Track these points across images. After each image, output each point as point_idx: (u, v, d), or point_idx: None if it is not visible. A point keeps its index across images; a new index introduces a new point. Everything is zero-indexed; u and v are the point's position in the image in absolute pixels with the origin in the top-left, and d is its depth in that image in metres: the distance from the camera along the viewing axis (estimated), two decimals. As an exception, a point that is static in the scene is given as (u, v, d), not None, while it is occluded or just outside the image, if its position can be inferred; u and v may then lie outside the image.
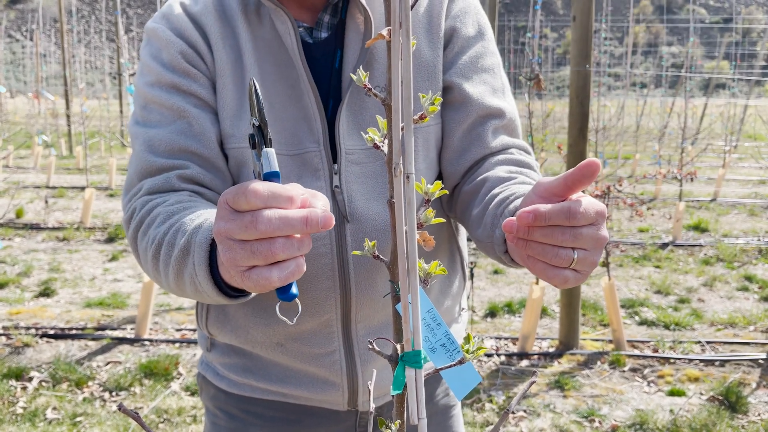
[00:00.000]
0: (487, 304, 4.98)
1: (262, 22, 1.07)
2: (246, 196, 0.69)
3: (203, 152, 1.03)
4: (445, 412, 1.26)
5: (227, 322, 1.12)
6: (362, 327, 1.09)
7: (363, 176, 1.06)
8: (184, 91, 1.05)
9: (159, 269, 0.93)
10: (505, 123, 1.12)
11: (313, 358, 1.10)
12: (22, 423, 3.21)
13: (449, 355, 0.59)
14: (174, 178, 1.00)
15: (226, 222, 0.71)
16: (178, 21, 1.08)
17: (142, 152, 1.03)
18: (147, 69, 1.08)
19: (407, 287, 0.52)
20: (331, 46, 1.08)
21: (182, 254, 0.88)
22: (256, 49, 1.06)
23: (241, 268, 0.72)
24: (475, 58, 1.12)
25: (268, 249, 0.69)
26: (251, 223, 0.69)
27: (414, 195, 0.51)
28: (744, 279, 5.73)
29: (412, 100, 0.49)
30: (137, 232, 0.98)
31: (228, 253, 0.72)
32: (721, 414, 3.32)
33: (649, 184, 10.19)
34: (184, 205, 0.95)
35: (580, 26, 3.89)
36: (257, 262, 0.70)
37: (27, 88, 25.63)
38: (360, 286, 1.06)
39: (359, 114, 1.06)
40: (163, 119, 1.04)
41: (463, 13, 1.13)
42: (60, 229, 7.14)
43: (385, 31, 0.51)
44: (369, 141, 0.60)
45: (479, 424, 3.24)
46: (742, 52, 18.50)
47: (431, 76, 1.09)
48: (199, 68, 1.06)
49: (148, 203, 0.99)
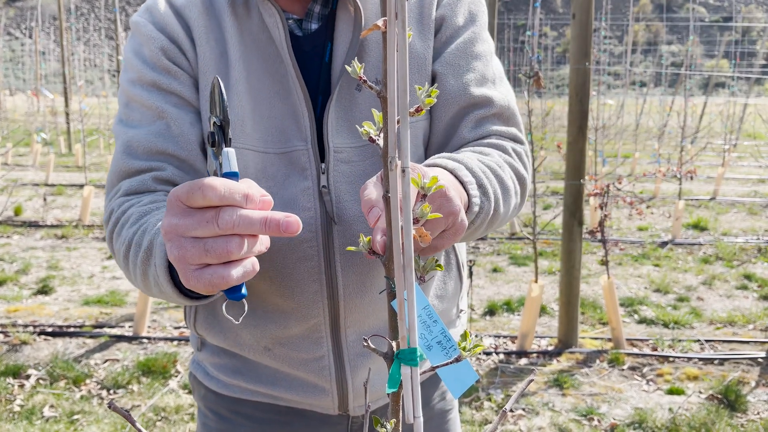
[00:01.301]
0: (486, 302, 4.97)
1: (250, 14, 1.04)
2: (202, 192, 0.67)
3: (180, 154, 1.01)
4: (442, 416, 1.24)
5: (216, 324, 1.10)
6: (352, 332, 1.06)
7: (352, 176, 1.02)
8: (164, 90, 1.03)
9: (129, 269, 0.92)
10: (495, 112, 1.07)
11: (302, 363, 1.07)
12: (20, 421, 3.20)
13: (446, 352, 0.58)
14: (150, 180, 0.99)
15: (180, 218, 0.69)
16: (161, 15, 1.05)
17: (121, 154, 1.02)
18: (129, 65, 1.07)
19: (403, 283, 0.51)
20: (321, 38, 1.05)
21: (146, 255, 0.87)
22: (243, 43, 1.03)
23: (192, 267, 0.70)
24: (463, 45, 1.08)
25: (223, 247, 0.68)
26: (212, 218, 0.67)
27: (410, 189, 0.50)
28: (743, 277, 5.73)
29: (408, 92, 0.48)
30: (113, 233, 0.98)
31: (178, 251, 0.70)
32: (720, 413, 3.31)
33: (649, 183, 10.19)
34: (158, 205, 0.94)
35: (579, 24, 3.88)
36: (210, 260, 0.69)
37: (26, 86, 25.62)
38: (348, 290, 1.03)
39: (349, 110, 1.03)
40: (144, 119, 1.03)
41: (455, 1, 1.09)
42: (58, 226, 7.13)
43: (381, 22, 0.50)
44: (364, 134, 0.59)
45: (478, 422, 3.23)
46: (741, 51, 18.50)
47: (421, 67, 1.06)
48: (181, 65, 1.04)
49: (124, 204, 0.98)
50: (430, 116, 1.08)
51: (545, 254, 6.31)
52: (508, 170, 1.01)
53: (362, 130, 0.59)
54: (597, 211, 5.40)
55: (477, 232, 0.95)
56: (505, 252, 6.47)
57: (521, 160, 1.07)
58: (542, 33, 17.58)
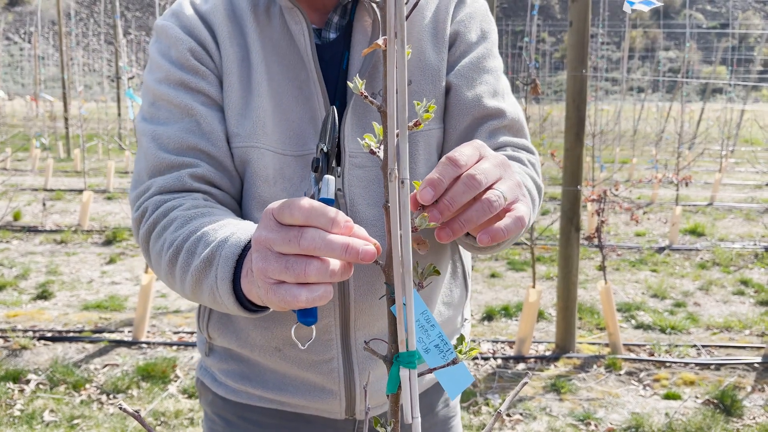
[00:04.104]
0: (484, 307, 4.99)
1: (272, 22, 1.08)
2: (290, 210, 0.70)
3: (212, 151, 1.03)
4: (445, 423, 1.26)
5: (229, 324, 1.11)
6: (361, 335, 1.08)
7: (366, 180, 1.05)
8: (193, 89, 1.05)
9: (175, 274, 0.93)
10: (507, 123, 1.11)
11: (311, 365, 1.09)
12: (20, 425, 3.21)
13: (443, 355, 0.60)
14: (186, 177, 1.01)
15: (269, 232, 0.72)
16: (188, 19, 1.09)
17: (152, 149, 1.03)
18: (156, 66, 1.09)
19: (402, 290, 0.54)
20: (339, 47, 1.08)
21: (204, 265, 0.88)
22: (263, 48, 1.07)
23: (270, 281, 0.73)
24: (476, 59, 1.12)
25: (302, 268, 0.70)
26: (295, 237, 0.70)
27: (408, 200, 0.52)
28: (740, 283, 5.75)
29: (407, 107, 0.51)
30: (150, 234, 0.98)
31: (262, 263, 0.73)
32: (716, 417, 3.33)
33: (646, 189, 10.22)
34: (202, 211, 0.96)
35: (576, 32, 3.91)
36: (287, 278, 0.71)
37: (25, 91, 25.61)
38: (359, 291, 1.05)
39: (364, 117, 1.06)
40: (172, 116, 1.05)
41: (468, 18, 1.13)
42: (58, 231, 7.14)
43: (381, 40, 0.53)
44: (365, 147, 0.62)
45: (476, 427, 3.25)
46: (738, 57, 18.58)
47: (435, 79, 1.09)
48: (207, 66, 1.07)
49: (163, 205, 0.99)
50: (443, 125, 1.12)
51: (543, 260, 6.34)
52: (530, 182, 1.04)
53: (363, 143, 0.62)
54: (594, 216, 5.43)
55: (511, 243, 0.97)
56: (503, 257, 6.49)
57: (536, 170, 1.10)
58: (540, 39, 17.64)
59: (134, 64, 15.27)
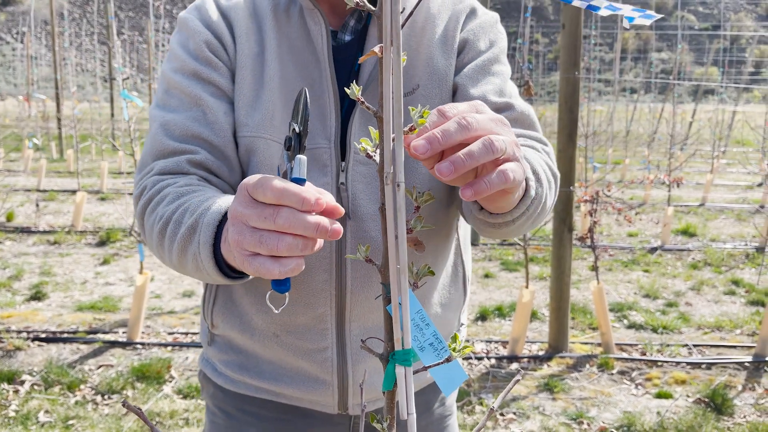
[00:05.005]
0: (478, 307, 5.02)
1: (291, 21, 1.13)
2: (263, 189, 0.75)
3: (214, 140, 1.08)
4: (441, 422, 1.29)
5: (234, 308, 1.16)
6: (356, 326, 1.11)
7: (369, 176, 1.09)
8: (204, 80, 1.11)
9: (164, 245, 0.99)
10: (516, 116, 1.13)
11: (306, 354, 1.12)
12: (15, 426, 3.21)
13: (437, 353, 0.62)
14: (184, 162, 1.06)
15: (245, 207, 0.77)
16: (208, 13, 1.15)
17: (159, 134, 1.09)
18: (174, 56, 1.15)
19: (398, 289, 0.55)
20: (353, 49, 1.13)
21: (189, 232, 0.94)
22: (279, 46, 1.11)
23: (245, 253, 0.78)
24: (483, 63, 1.15)
25: (275, 243, 0.75)
26: (270, 215, 0.75)
27: (404, 203, 0.54)
28: (731, 283, 5.80)
29: (402, 112, 0.53)
30: (146, 209, 1.04)
31: (237, 236, 0.77)
32: (707, 416, 3.37)
33: (639, 189, 10.28)
34: (193, 188, 1.01)
35: (569, 34, 3.94)
36: (261, 251, 0.76)
37: (17, 91, 25.49)
38: (356, 282, 1.09)
39: (371, 117, 1.09)
40: (181, 105, 1.10)
41: (478, 28, 1.17)
42: (51, 232, 7.12)
43: (377, 48, 0.54)
44: (362, 151, 0.64)
45: (469, 426, 3.27)
46: (730, 59, 18.67)
47: (442, 83, 1.13)
48: (221, 58, 1.12)
49: (159, 183, 1.04)
50: None
51: (536, 260, 6.37)
52: (545, 166, 1.04)
53: (360, 147, 0.64)
54: (587, 217, 5.46)
55: (528, 222, 0.97)
56: (497, 258, 6.52)
57: (551, 159, 1.12)
58: (533, 40, 17.69)
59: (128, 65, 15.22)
